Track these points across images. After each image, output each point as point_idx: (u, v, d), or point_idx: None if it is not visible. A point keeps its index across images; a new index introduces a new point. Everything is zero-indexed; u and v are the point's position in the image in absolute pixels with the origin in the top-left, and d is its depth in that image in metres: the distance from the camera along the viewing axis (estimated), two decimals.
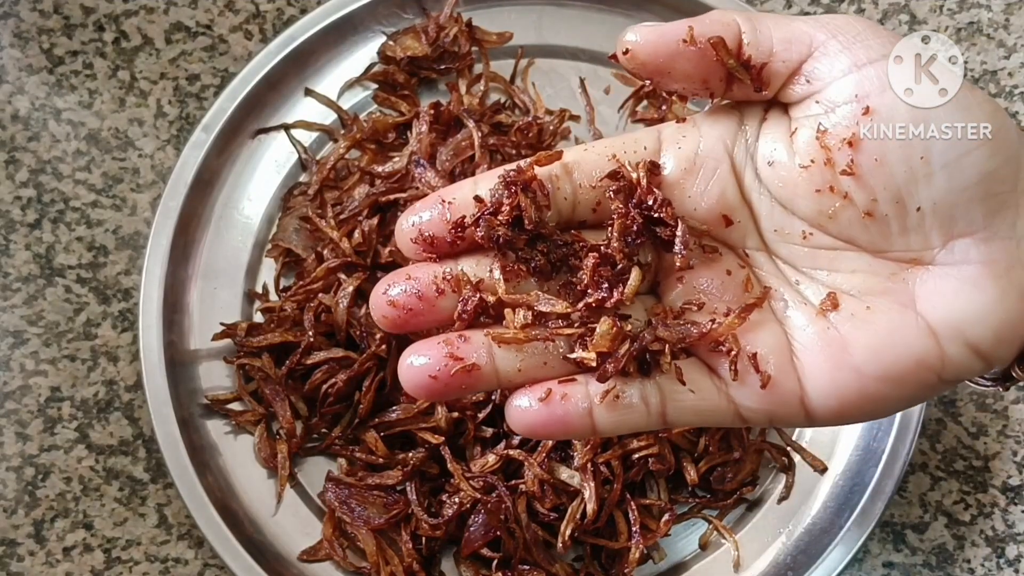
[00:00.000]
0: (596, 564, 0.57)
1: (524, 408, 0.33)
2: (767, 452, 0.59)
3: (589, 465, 0.55)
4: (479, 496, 0.55)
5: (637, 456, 0.56)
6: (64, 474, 0.61)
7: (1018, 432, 0.61)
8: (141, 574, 0.60)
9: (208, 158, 0.62)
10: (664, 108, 0.64)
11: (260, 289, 0.63)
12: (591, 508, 0.54)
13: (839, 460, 0.59)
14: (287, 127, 0.65)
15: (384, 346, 0.57)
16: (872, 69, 0.32)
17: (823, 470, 0.59)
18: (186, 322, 0.61)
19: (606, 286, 0.34)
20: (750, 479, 0.59)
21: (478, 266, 0.35)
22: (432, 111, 0.63)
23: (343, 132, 0.65)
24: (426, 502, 0.57)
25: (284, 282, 0.63)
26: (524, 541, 0.55)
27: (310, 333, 0.58)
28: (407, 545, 0.56)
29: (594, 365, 0.33)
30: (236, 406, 0.60)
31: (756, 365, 0.34)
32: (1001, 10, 0.67)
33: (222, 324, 0.60)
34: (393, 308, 0.34)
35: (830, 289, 0.34)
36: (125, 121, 0.66)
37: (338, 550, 0.57)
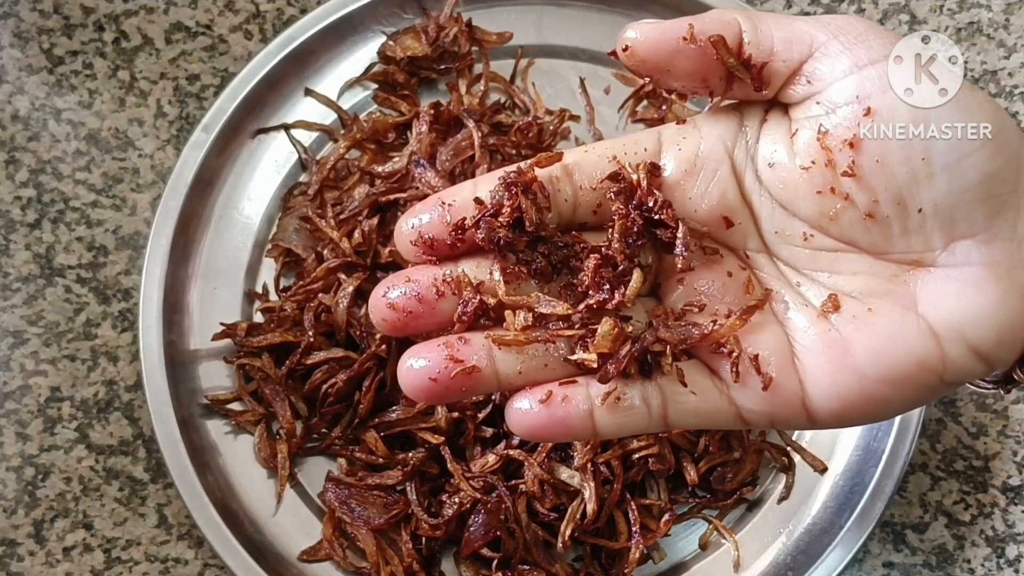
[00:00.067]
0: (596, 564, 0.57)
1: (525, 410, 0.33)
2: (767, 452, 0.59)
3: (589, 465, 0.55)
4: (479, 496, 0.55)
5: (637, 456, 0.56)
6: (64, 474, 0.61)
7: (1018, 432, 0.61)
8: (141, 574, 0.60)
9: (208, 158, 0.62)
10: (664, 108, 0.63)
11: (260, 289, 0.63)
12: (591, 508, 0.54)
13: (839, 460, 0.59)
14: (287, 127, 0.65)
15: (384, 346, 0.57)
16: (873, 70, 0.32)
17: (823, 470, 0.59)
18: (186, 322, 0.61)
19: (608, 287, 0.34)
20: (750, 479, 0.59)
21: (478, 268, 0.35)
22: (432, 111, 0.63)
23: (343, 132, 0.65)
24: (426, 502, 0.57)
25: (284, 282, 0.63)
26: (524, 541, 0.55)
27: (310, 333, 0.58)
28: (407, 545, 0.56)
29: (595, 366, 0.33)
30: (236, 406, 0.60)
31: (758, 367, 0.33)
32: (1001, 10, 0.67)
33: (222, 324, 0.60)
34: (392, 311, 0.34)
35: (831, 291, 0.34)
36: (125, 121, 0.66)
37: (338, 550, 0.57)
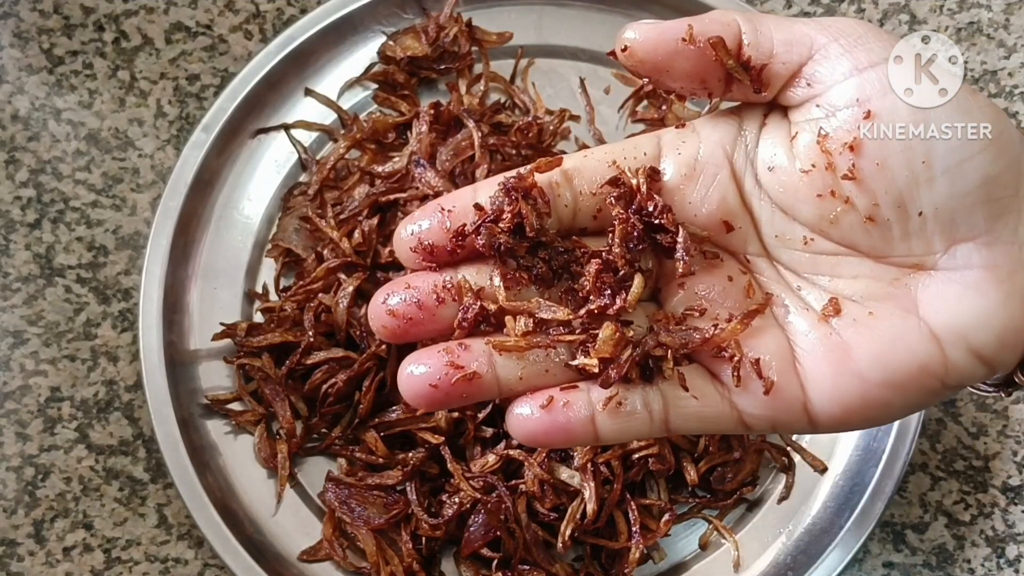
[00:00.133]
0: (596, 564, 0.57)
1: (526, 416, 0.33)
2: (767, 452, 0.59)
3: (589, 465, 0.55)
4: (479, 496, 0.55)
5: (637, 456, 0.56)
6: (64, 474, 0.61)
7: (1018, 432, 0.62)
8: (141, 574, 0.60)
9: (208, 158, 0.61)
10: (664, 108, 0.63)
11: (260, 289, 0.63)
12: (591, 508, 0.54)
13: (839, 460, 0.59)
14: (287, 127, 0.64)
15: (384, 346, 0.57)
16: (873, 73, 0.32)
17: (823, 470, 0.59)
18: (186, 322, 0.61)
19: (609, 292, 0.34)
20: (750, 479, 0.59)
21: (478, 274, 0.34)
22: (432, 111, 0.63)
23: (343, 132, 0.65)
24: (426, 502, 0.57)
25: (284, 282, 0.63)
26: (524, 541, 0.55)
27: (310, 333, 0.58)
28: (407, 545, 0.56)
29: (596, 372, 0.33)
30: (236, 406, 0.60)
31: (759, 371, 0.33)
32: (1001, 10, 0.67)
33: (222, 324, 0.60)
34: (392, 318, 0.33)
35: (832, 295, 0.34)
36: (125, 121, 0.66)
37: (338, 550, 0.57)
